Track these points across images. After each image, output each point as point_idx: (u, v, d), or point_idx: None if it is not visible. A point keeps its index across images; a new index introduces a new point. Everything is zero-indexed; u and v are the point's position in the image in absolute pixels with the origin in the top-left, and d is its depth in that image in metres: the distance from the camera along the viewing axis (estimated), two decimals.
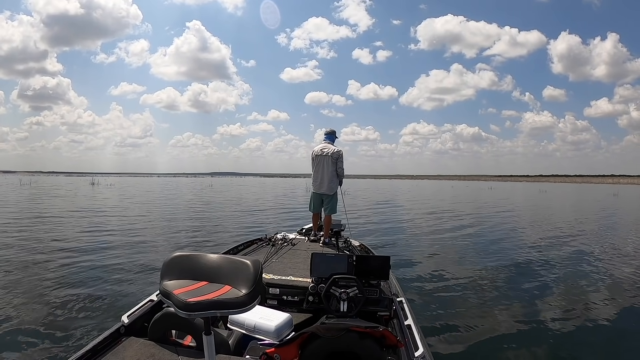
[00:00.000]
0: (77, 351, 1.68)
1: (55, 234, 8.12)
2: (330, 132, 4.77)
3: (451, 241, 8.33)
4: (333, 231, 4.46)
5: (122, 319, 1.99)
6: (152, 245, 7.20)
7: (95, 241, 7.26)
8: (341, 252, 3.55)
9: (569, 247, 7.71)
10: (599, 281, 5.11)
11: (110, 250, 6.44)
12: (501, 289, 4.71)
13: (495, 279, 5.20)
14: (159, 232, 8.94)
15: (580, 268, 5.87)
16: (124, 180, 67.42)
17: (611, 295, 4.51)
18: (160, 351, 1.69)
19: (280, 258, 3.52)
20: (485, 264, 6.07)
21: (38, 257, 5.82)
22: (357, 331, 1.56)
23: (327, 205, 4.65)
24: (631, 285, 4.96)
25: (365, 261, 2.53)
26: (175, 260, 1.20)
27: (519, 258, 6.58)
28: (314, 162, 4.68)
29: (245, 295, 1.07)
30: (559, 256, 6.76)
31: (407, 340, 1.93)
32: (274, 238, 4.32)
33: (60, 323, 3.32)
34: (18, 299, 3.90)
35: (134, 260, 5.69)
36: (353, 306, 2.27)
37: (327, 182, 4.63)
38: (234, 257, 1.21)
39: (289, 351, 1.57)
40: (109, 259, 5.80)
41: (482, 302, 4.23)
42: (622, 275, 5.48)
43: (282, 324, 1.95)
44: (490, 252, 7.08)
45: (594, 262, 6.31)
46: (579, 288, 4.81)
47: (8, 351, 2.80)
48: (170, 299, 1.07)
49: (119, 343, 1.78)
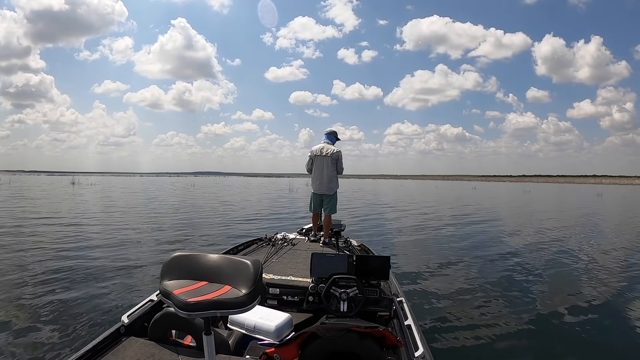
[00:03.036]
0: (77, 351, 1.68)
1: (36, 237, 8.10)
2: (330, 132, 4.76)
3: (451, 241, 8.33)
4: (333, 231, 4.46)
5: (122, 319, 1.99)
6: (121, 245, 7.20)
7: (87, 240, 7.26)
8: (341, 252, 3.55)
9: (567, 246, 7.72)
10: (601, 282, 5.11)
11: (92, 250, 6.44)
12: (501, 289, 4.71)
13: (495, 278, 5.19)
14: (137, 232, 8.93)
15: (581, 268, 5.88)
16: (106, 179, 66.60)
17: (614, 296, 4.51)
18: (160, 351, 1.69)
19: (280, 258, 3.52)
20: (485, 264, 6.07)
21: (28, 258, 5.79)
22: (357, 331, 1.56)
23: (327, 205, 4.65)
24: (632, 285, 4.97)
25: (365, 261, 2.53)
26: (175, 260, 1.20)
27: (519, 258, 6.58)
28: (313, 162, 4.66)
29: (245, 295, 1.07)
30: (558, 255, 6.77)
31: (407, 340, 1.93)
32: (274, 238, 4.32)
33: (60, 323, 3.31)
34: (16, 299, 3.90)
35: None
36: (353, 306, 2.27)
37: (327, 182, 4.62)
38: (234, 257, 1.21)
39: (289, 351, 1.57)
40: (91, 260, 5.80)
41: (482, 301, 4.23)
42: (625, 275, 5.48)
43: (282, 324, 1.95)
44: (489, 252, 7.07)
45: (595, 262, 6.32)
46: (580, 288, 4.81)
47: (8, 351, 2.80)
48: (170, 299, 1.07)
49: (119, 343, 1.78)
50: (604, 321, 3.71)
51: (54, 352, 2.78)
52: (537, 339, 3.28)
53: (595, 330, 3.48)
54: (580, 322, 3.66)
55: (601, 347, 3.18)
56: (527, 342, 3.22)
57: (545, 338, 3.29)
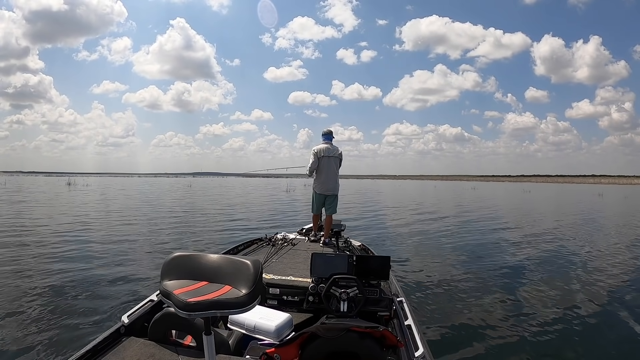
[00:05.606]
0: (77, 351, 1.68)
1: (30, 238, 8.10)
2: (329, 132, 4.76)
3: (451, 241, 8.32)
4: (333, 231, 4.46)
5: (122, 319, 1.99)
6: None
7: (86, 241, 7.26)
8: (341, 252, 3.55)
9: (569, 247, 7.72)
10: (603, 283, 5.11)
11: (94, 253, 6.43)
12: (501, 289, 4.71)
13: (495, 278, 5.19)
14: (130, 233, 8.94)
15: (584, 270, 5.85)
16: (103, 180, 66.26)
17: (616, 297, 4.50)
18: (160, 351, 1.69)
19: (281, 258, 3.52)
20: (485, 264, 6.06)
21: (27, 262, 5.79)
22: (357, 331, 1.56)
23: (330, 205, 4.65)
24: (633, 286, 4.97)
25: (365, 261, 2.53)
26: (175, 260, 1.20)
27: (519, 258, 6.59)
28: (319, 162, 4.61)
29: (245, 295, 1.07)
30: (560, 257, 6.75)
31: (407, 340, 1.93)
32: (274, 238, 4.32)
33: (60, 323, 3.31)
34: (15, 299, 3.91)
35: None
36: (353, 306, 2.27)
37: (333, 183, 4.64)
38: (234, 257, 1.21)
39: (289, 351, 1.57)
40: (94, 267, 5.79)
41: (482, 301, 4.23)
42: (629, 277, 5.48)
43: (282, 324, 1.95)
44: (490, 253, 7.08)
45: (599, 264, 6.30)
46: (581, 288, 4.80)
47: (8, 351, 2.80)
48: (170, 299, 1.07)
49: (119, 343, 1.78)
50: (605, 321, 3.70)
51: (54, 352, 2.78)
52: (537, 339, 3.27)
53: (595, 330, 3.48)
54: (581, 322, 3.65)
55: (601, 347, 3.18)
56: (527, 342, 3.21)
57: (545, 338, 3.29)
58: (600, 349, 3.16)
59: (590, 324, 3.61)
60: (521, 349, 3.10)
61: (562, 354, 3.07)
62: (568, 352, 3.10)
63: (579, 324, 3.60)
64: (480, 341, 3.21)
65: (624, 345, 3.22)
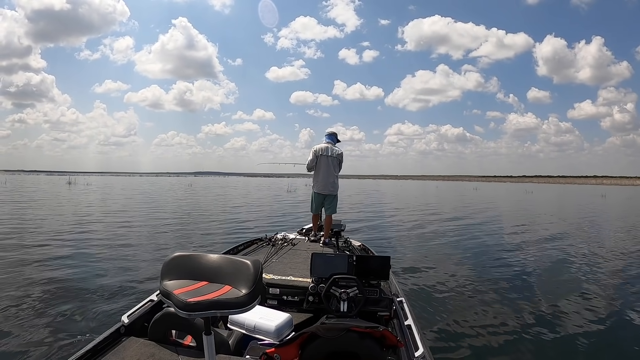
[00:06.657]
0: (77, 351, 1.68)
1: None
2: (332, 133, 4.77)
3: (451, 241, 8.32)
4: (333, 231, 4.46)
5: (122, 319, 1.99)
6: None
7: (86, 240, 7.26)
8: (341, 252, 3.55)
9: (570, 248, 7.71)
10: (604, 282, 5.11)
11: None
12: (502, 289, 4.71)
13: (496, 279, 5.19)
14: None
15: (586, 271, 5.83)
16: (105, 179, 65.98)
17: (618, 301, 4.48)
18: (160, 351, 1.69)
19: (281, 258, 3.52)
20: (485, 264, 6.07)
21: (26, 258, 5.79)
22: (357, 331, 1.56)
23: (329, 205, 4.65)
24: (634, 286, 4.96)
25: (365, 261, 2.53)
26: (175, 260, 1.20)
27: (521, 259, 6.59)
28: (318, 161, 4.62)
29: (245, 295, 1.07)
30: (562, 258, 6.73)
31: (407, 340, 1.93)
32: (274, 238, 4.32)
33: (59, 323, 3.32)
34: (15, 299, 3.90)
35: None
36: (353, 306, 2.27)
37: (332, 183, 4.63)
38: (234, 257, 1.21)
39: (289, 351, 1.57)
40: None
41: (482, 302, 4.23)
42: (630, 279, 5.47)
43: (282, 324, 1.95)
44: (490, 253, 7.08)
45: (602, 265, 6.27)
46: (582, 289, 4.79)
47: (8, 351, 2.80)
48: (170, 299, 1.07)
49: (119, 343, 1.78)
50: (605, 322, 3.69)
51: (54, 352, 2.78)
52: (538, 339, 3.27)
53: (597, 331, 3.47)
54: (581, 322, 3.65)
55: (602, 348, 3.18)
56: (527, 342, 3.21)
57: (545, 338, 3.29)
58: (600, 349, 3.16)
59: (592, 325, 3.60)
60: (521, 349, 3.10)
61: (562, 354, 3.07)
62: (568, 352, 3.10)
63: (579, 325, 3.59)
64: (481, 341, 3.21)
65: (625, 345, 3.22)
